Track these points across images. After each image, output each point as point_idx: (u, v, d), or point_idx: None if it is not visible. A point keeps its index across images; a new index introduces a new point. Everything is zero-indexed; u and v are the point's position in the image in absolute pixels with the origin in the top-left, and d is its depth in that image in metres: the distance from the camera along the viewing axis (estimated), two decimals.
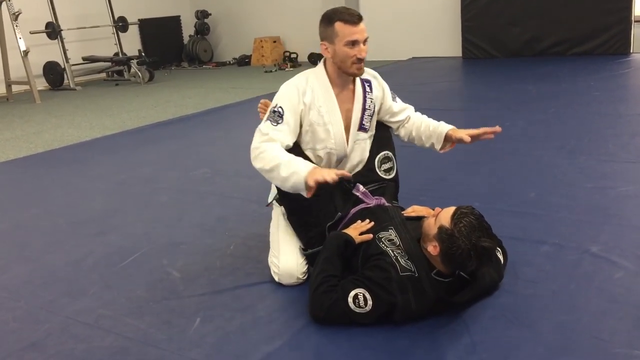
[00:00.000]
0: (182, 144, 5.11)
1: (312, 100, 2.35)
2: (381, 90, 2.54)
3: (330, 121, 2.38)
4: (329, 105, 2.37)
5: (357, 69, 2.31)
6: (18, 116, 7.08)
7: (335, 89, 2.39)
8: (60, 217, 3.45)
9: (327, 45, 2.31)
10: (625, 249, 2.47)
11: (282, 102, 2.32)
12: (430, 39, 9.57)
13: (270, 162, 2.20)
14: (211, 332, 2.10)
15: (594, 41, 8.04)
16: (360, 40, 2.26)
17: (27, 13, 8.32)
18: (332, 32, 2.28)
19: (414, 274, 2.00)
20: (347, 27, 2.25)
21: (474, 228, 1.92)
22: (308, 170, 2.11)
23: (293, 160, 2.18)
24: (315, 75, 2.40)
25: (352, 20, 2.25)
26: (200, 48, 11.39)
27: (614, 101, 5.40)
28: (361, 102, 2.44)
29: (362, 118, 2.45)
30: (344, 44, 2.25)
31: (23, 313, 2.35)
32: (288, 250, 2.40)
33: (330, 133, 2.39)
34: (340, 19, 2.25)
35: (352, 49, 2.26)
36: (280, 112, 2.30)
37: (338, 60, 2.30)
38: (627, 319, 1.99)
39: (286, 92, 2.35)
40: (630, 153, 3.76)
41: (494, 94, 6.23)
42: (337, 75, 2.37)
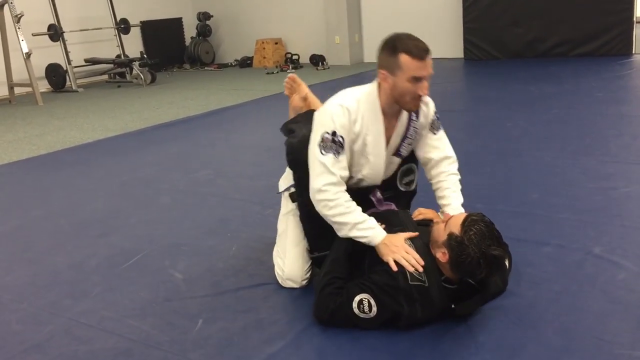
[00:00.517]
0: (184, 146, 5.11)
1: (360, 130, 2.16)
2: (426, 119, 2.32)
3: (372, 152, 2.20)
4: (375, 136, 2.18)
5: (414, 105, 2.14)
6: (20, 118, 7.09)
7: (385, 119, 2.20)
8: (62, 218, 3.45)
9: (386, 75, 2.10)
10: (628, 249, 2.47)
11: (340, 130, 2.11)
12: (431, 40, 9.35)
13: (338, 217, 2.10)
14: (214, 334, 2.10)
15: (596, 42, 8.04)
16: (425, 77, 2.07)
17: (29, 15, 8.33)
18: (394, 63, 2.06)
19: (423, 283, 1.97)
20: (413, 61, 2.03)
21: (484, 236, 1.89)
22: (381, 240, 2.07)
23: (365, 222, 2.09)
24: (367, 100, 2.18)
25: (420, 55, 2.03)
26: (202, 50, 11.40)
27: (616, 102, 5.40)
28: (404, 130, 2.26)
29: (400, 145, 2.28)
30: (406, 79, 2.05)
31: (26, 315, 2.35)
32: (295, 254, 2.37)
33: (369, 162, 2.22)
34: (407, 51, 2.03)
35: (414, 85, 2.06)
36: (341, 141, 2.11)
37: (396, 93, 2.10)
38: (630, 320, 1.99)
39: (340, 116, 2.12)
40: (632, 154, 3.76)
41: (495, 95, 6.23)
42: (390, 105, 2.17)
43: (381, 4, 9.93)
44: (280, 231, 2.48)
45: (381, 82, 2.14)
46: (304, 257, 2.38)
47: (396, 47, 2.06)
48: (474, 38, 8.88)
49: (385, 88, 2.13)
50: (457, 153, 2.40)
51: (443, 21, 9.34)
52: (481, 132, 4.78)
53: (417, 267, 1.99)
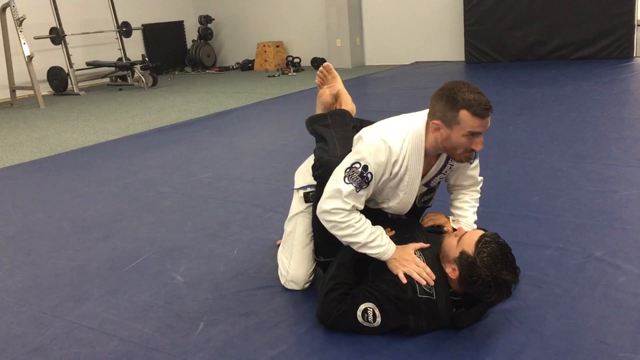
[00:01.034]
0: (186, 149, 5.12)
1: (398, 172, 2.07)
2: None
3: (405, 190, 2.12)
4: (412, 177, 2.10)
5: (465, 158, 2.05)
6: (22, 121, 7.11)
7: (426, 158, 2.09)
8: (64, 221, 3.46)
9: (441, 126, 1.97)
10: (630, 252, 2.47)
11: (374, 167, 2.01)
12: (433, 44, 9.59)
13: (349, 238, 2.06)
14: (215, 337, 2.10)
15: (597, 45, 8.05)
16: (482, 133, 1.97)
17: (31, 18, 8.36)
18: (453, 118, 1.93)
19: (431, 297, 1.96)
20: (475, 119, 1.91)
21: (497, 259, 1.86)
22: (392, 254, 2.05)
23: (374, 240, 2.05)
24: (413, 141, 2.05)
25: (483, 114, 1.91)
26: (203, 53, 11.43)
27: (617, 105, 5.40)
28: (440, 167, 2.18)
29: (432, 179, 2.21)
30: (463, 134, 1.94)
31: (28, 317, 2.36)
32: (301, 257, 2.37)
33: (399, 197, 2.14)
34: (469, 108, 1.90)
35: (469, 139, 1.96)
36: (369, 178, 2.01)
37: (449, 145, 1.99)
38: (631, 323, 1.99)
39: (380, 154, 2.01)
40: (633, 157, 3.76)
41: (497, 98, 6.23)
42: (435, 150, 2.08)
43: (382, 7, 9.94)
44: (288, 231, 2.44)
45: (433, 132, 2.01)
46: (309, 260, 2.38)
47: (457, 101, 1.92)
48: (475, 41, 8.89)
49: (437, 137, 2.01)
50: None
51: (444, 24, 9.35)
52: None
53: (428, 281, 1.96)
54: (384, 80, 8.16)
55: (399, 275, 1.99)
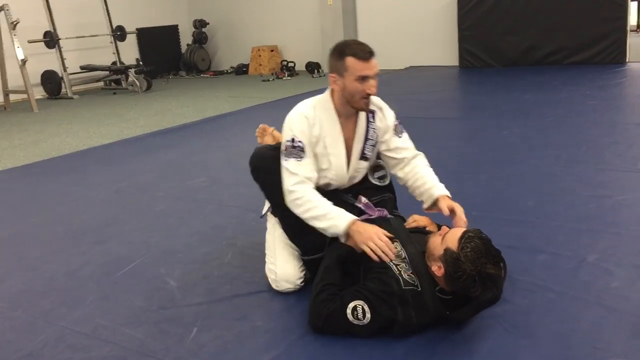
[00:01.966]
0: (180, 153, 5.11)
1: (319, 133, 2.32)
2: (385, 123, 2.46)
3: (333, 152, 2.35)
4: (333, 137, 2.35)
5: (365, 104, 2.29)
6: (16, 125, 7.08)
7: (341, 120, 2.36)
8: (58, 226, 3.45)
9: (336, 78, 2.28)
10: (622, 257, 2.48)
11: (300, 135, 2.29)
12: (427, 48, 9.60)
13: (308, 211, 2.23)
14: (209, 342, 2.10)
15: (591, 50, 8.08)
16: (371, 76, 2.23)
17: (25, 22, 8.34)
18: (342, 66, 2.24)
19: (416, 288, 1.99)
20: (358, 62, 2.20)
21: (481, 254, 1.90)
22: (347, 226, 2.16)
23: (332, 212, 2.21)
24: (322, 105, 2.36)
25: (364, 56, 2.21)
26: (198, 57, 11.42)
27: (610, 110, 5.43)
28: (363, 132, 2.40)
29: (364, 148, 2.41)
30: (354, 79, 2.22)
31: (20, 323, 2.34)
32: (285, 256, 2.41)
33: (331, 164, 2.37)
34: (352, 54, 2.21)
35: (362, 84, 2.22)
36: (302, 146, 2.28)
37: (347, 94, 2.27)
38: (624, 328, 2.00)
39: (299, 124, 2.31)
40: (626, 162, 3.78)
41: (491, 103, 6.25)
42: (343, 107, 2.33)
43: (377, 12, 9.96)
44: (268, 242, 2.53)
45: (332, 85, 2.32)
46: (294, 256, 2.41)
47: (343, 52, 2.24)
48: (469, 46, 8.91)
49: (337, 91, 2.31)
50: (453, 160, 2.43)
51: (439, 29, 9.38)
52: (477, 140, 4.80)
53: (389, 256, 2.06)
54: (378, 85, 8.13)
55: (367, 252, 2.08)
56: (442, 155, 4.25)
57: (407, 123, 2.67)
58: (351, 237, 2.17)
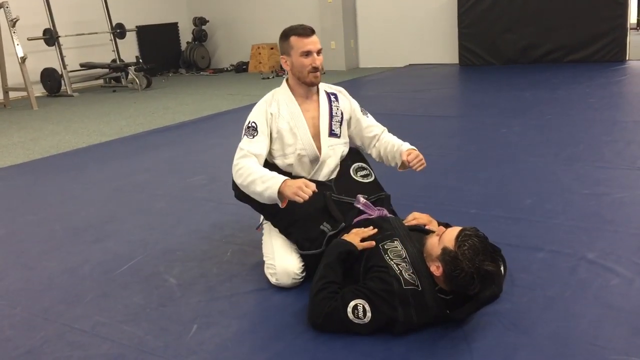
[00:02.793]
0: (179, 151, 5.11)
1: (278, 110, 2.54)
2: (348, 102, 2.69)
3: (295, 125, 2.54)
4: (292, 112, 2.55)
5: (313, 77, 2.50)
6: (15, 123, 7.08)
7: (299, 99, 2.57)
8: (56, 223, 3.45)
9: (286, 58, 2.53)
10: (622, 255, 2.48)
11: (254, 117, 2.53)
12: (427, 46, 9.60)
13: (246, 179, 2.38)
14: (208, 339, 2.10)
15: (590, 48, 8.08)
16: (314, 51, 2.47)
17: (24, 19, 8.34)
18: (288, 46, 2.49)
19: (417, 287, 1.99)
20: (300, 39, 2.46)
21: (478, 251, 1.90)
22: (279, 185, 2.28)
23: (266, 175, 2.35)
24: (279, 90, 2.61)
25: (305, 33, 2.47)
26: (197, 55, 11.42)
27: (609, 108, 5.43)
28: (327, 109, 2.60)
29: (330, 124, 2.59)
30: (299, 55, 2.46)
31: (19, 320, 2.34)
32: (283, 250, 2.43)
33: (297, 136, 2.54)
34: (295, 33, 2.47)
35: (306, 58, 2.46)
36: (254, 125, 2.51)
37: (296, 71, 2.50)
38: (624, 326, 2.00)
39: (256, 108, 2.57)
40: (625, 159, 3.78)
41: (490, 101, 6.25)
42: (299, 86, 2.56)
43: (377, 10, 9.96)
44: (265, 243, 2.57)
45: (284, 66, 2.54)
46: (293, 250, 2.43)
47: (287, 34, 2.50)
48: (469, 44, 8.91)
49: (289, 71, 2.55)
50: (452, 158, 2.43)
51: (438, 27, 9.38)
52: (476, 138, 4.79)
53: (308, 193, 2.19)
54: (378, 83, 8.17)
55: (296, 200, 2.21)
56: (441, 153, 4.25)
57: (407, 121, 2.67)
58: (284, 197, 2.27)
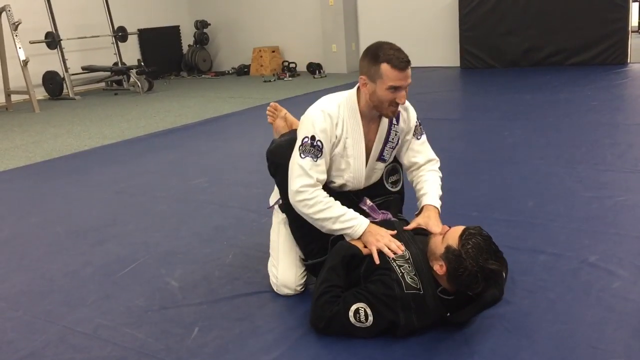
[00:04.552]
0: (181, 154, 5.12)
1: (342, 134, 2.27)
2: (407, 124, 2.43)
3: (353, 154, 2.30)
4: (355, 139, 2.29)
5: (392, 112, 2.25)
6: (17, 125, 7.09)
7: (364, 122, 2.30)
8: (59, 226, 3.45)
9: (367, 81, 2.21)
10: (623, 258, 2.48)
11: (320, 135, 2.22)
12: (428, 49, 9.60)
13: (319, 213, 2.18)
14: (209, 342, 2.10)
15: (592, 51, 8.07)
16: (404, 87, 2.18)
17: (26, 23, 8.35)
18: (375, 72, 2.16)
19: (419, 291, 1.98)
20: (394, 71, 2.13)
21: (482, 250, 1.90)
22: (364, 230, 2.16)
23: (346, 215, 2.18)
24: (347, 104, 2.29)
25: (401, 65, 2.13)
26: (199, 58, 11.43)
27: (611, 111, 5.43)
28: (385, 134, 2.36)
29: (382, 150, 2.38)
30: (386, 88, 2.15)
31: (21, 323, 2.35)
32: (287, 262, 2.40)
33: (350, 166, 2.31)
34: (388, 62, 2.13)
35: (393, 93, 2.17)
36: (320, 146, 2.21)
37: (375, 100, 2.20)
38: (625, 329, 2.00)
39: (321, 122, 2.23)
40: (627, 162, 3.78)
41: (492, 104, 6.26)
42: (369, 110, 2.28)
43: (378, 12, 9.96)
44: (272, 241, 2.51)
45: (362, 87, 2.25)
46: (296, 263, 2.40)
47: (378, 56, 2.15)
48: (470, 47, 8.91)
49: (365, 93, 2.24)
50: (453, 161, 2.43)
51: (440, 30, 9.38)
52: (478, 141, 4.80)
53: (396, 251, 2.07)
54: None
55: (373, 253, 2.09)
56: (442, 155, 4.23)
57: None
58: (366, 242, 2.15)
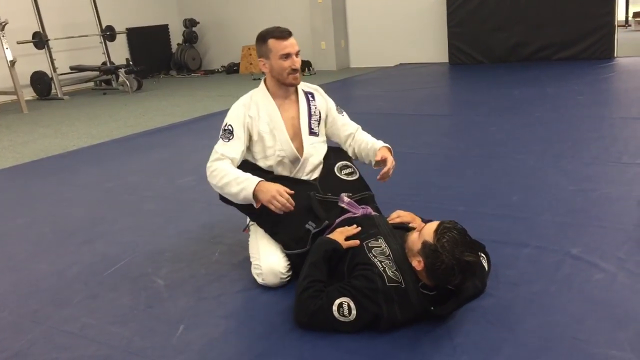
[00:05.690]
0: (170, 152, 5.11)
1: (257, 112, 2.56)
2: (324, 101, 2.72)
3: (275, 127, 2.56)
4: (271, 114, 2.57)
5: (293, 79, 2.53)
6: (5, 126, 7.05)
7: (277, 100, 2.59)
8: (46, 226, 3.45)
9: (264, 61, 2.54)
10: (606, 250, 2.50)
11: (231, 120, 2.55)
12: (416, 45, 9.63)
13: (221, 180, 2.43)
14: (195, 339, 2.11)
15: (579, 46, 8.12)
16: (292, 53, 2.49)
17: (13, 23, 8.31)
18: (266, 49, 2.50)
19: (400, 284, 2.01)
20: (278, 42, 2.48)
21: (457, 243, 1.93)
22: (254, 187, 2.35)
23: (240, 176, 2.40)
24: (259, 91, 2.62)
25: (283, 35, 2.48)
26: (188, 56, 11.41)
27: (597, 104, 5.47)
28: (306, 108, 2.64)
29: (310, 123, 2.63)
30: (278, 58, 2.48)
31: (7, 323, 2.35)
32: (269, 249, 2.44)
33: (276, 138, 2.56)
34: (272, 36, 2.49)
35: (285, 61, 2.48)
36: (230, 129, 2.54)
37: (275, 73, 2.52)
38: (606, 320, 2.02)
39: (234, 111, 2.58)
40: (612, 155, 3.81)
41: (480, 99, 6.28)
42: (278, 87, 2.58)
43: (366, 9, 9.98)
44: (251, 244, 2.58)
45: (262, 68, 2.55)
46: (278, 250, 2.44)
47: (265, 37, 2.51)
48: (458, 43, 8.94)
49: (268, 73, 2.56)
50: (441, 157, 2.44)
51: (428, 26, 9.40)
52: (464, 136, 4.82)
53: (282, 202, 2.28)
54: (368, 82, 8.19)
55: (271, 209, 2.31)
56: (430, 151, 4.28)
57: (397, 120, 2.70)
58: (258, 198, 2.33)
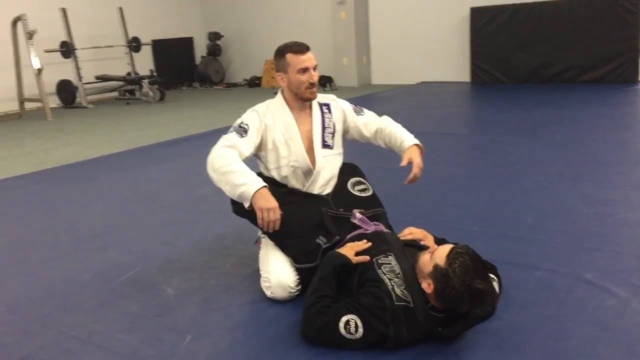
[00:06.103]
0: (188, 163, 5.15)
1: (272, 121, 2.59)
2: (340, 111, 2.73)
3: (290, 137, 2.59)
4: (288, 125, 2.60)
5: (310, 93, 2.56)
6: (29, 133, 7.18)
7: (294, 112, 2.62)
8: (62, 232, 3.49)
9: (282, 75, 2.58)
10: (620, 276, 2.46)
11: (247, 121, 2.56)
12: (439, 64, 9.63)
13: (227, 166, 2.39)
14: (201, 349, 2.11)
15: (602, 69, 8.06)
16: (310, 67, 2.52)
17: (42, 32, 8.49)
18: (284, 63, 2.54)
19: (409, 304, 1.99)
20: (296, 56, 2.51)
21: (469, 269, 1.90)
22: (258, 188, 2.31)
23: (249, 173, 2.37)
24: (276, 101, 2.65)
25: (300, 50, 2.52)
26: (211, 69, 11.54)
27: (619, 129, 5.40)
28: (320, 121, 2.65)
29: (323, 136, 2.65)
30: (296, 72, 2.51)
31: (18, 326, 2.37)
32: (279, 263, 2.43)
33: (290, 148, 2.59)
34: (290, 51, 2.52)
35: (303, 75, 2.52)
36: (246, 128, 2.54)
37: (293, 87, 2.55)
38: (617, 347, 1.98)
39: (250, 114, 2.60)
40: (632, 180, 3.75)
41: (500, 119, 6.25)
42: (294, 100, 2.61)
43: (389, 26, 10.02)
44: (261, 257, 2.56)
45: (280, 83, 2.59)
46: (288, 263, 2.43)
47: (283, 51, 2.54)
48: (481, 62, 8.93)
49: (285, 87, 2.59)
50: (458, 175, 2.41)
51: (450, 45, 9.40)
52: (483, 156, 4.79)
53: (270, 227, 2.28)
54: (389, 99, 8.20)
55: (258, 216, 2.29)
56: (448, 169, 4.26)
57: (417, 138, 2.71)
58: (254, 200, 2.30)
